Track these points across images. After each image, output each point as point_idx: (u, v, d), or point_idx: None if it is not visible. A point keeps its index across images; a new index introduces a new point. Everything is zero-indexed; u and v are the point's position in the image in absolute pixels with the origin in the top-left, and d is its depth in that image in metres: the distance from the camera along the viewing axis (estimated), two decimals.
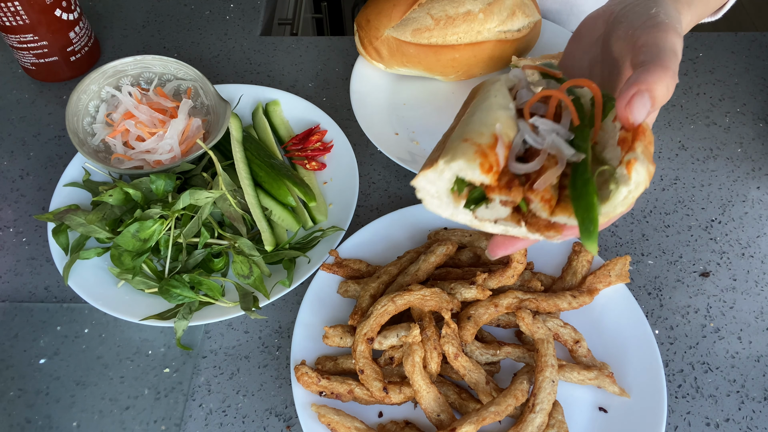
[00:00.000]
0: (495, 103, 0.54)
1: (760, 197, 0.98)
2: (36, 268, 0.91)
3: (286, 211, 0.92)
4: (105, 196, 0.85)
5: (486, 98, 0.55)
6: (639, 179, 0.47)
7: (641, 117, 0.48)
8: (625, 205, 0.49)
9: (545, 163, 0.50)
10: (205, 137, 0.96)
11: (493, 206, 0.53)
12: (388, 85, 1.12)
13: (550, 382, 0.70)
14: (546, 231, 0.52)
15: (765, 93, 1.13)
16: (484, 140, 0.50)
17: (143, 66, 1.00)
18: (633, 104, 0.47)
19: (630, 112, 0.48)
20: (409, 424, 0.74)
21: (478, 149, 0.49)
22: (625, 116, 0.48)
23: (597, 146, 0.52)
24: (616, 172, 0.48)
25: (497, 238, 0.63)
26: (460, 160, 0.49)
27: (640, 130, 0.49)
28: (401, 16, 1.04)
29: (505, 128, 0.51)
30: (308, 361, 0.78)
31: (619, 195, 0.48)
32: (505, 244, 0.62)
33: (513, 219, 0.54)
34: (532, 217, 0.53)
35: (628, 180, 0.47)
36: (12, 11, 1.00)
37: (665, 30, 0.52)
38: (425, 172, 0.52)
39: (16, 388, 0.80)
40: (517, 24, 1.06)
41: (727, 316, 0.86)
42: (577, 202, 0.48)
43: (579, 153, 0.49)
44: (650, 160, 0.48)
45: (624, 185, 0.47)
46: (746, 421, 0.77)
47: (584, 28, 0.64)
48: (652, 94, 0.48)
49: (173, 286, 0.80)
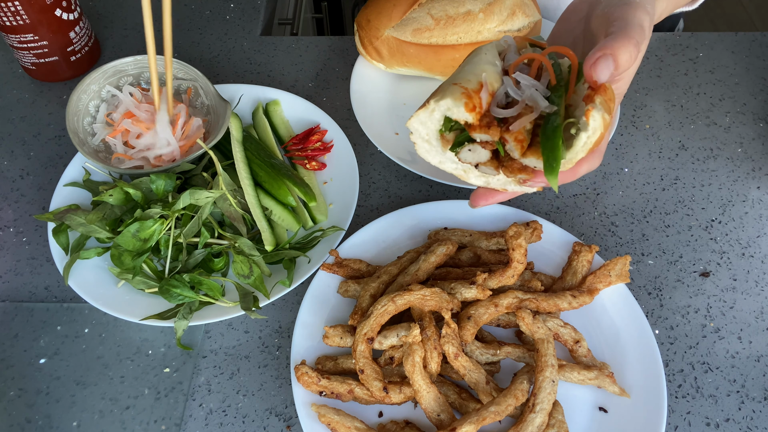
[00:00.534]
0: (484, 59, 0.62)
1: (760, 197, 0.98)
2: (36, 268, 0.91)
3: (286, 211, 0.92)
4: (105, 196, 0.85)
5: (477, 55, 0.63)
6: (595, 125, 0.55)
7: (605, 77, 0.56)
8: (585, 150, 0.57)
9: (522, 111, 0.58)
10: (205, 137, 0.96)
11: (474, 149, 0.61)
12: (388, 85, 1.12)
13: (550, 382, 0.70)
14: (519, 173, 0.60)
15: (765, 93, 1.13)
16: (471, 85, 0.58)
17: (143, 66, 1.00)
18: (597, 65, 0.55)
19: (594, 71, 0.56)
20: (409, 424, 0.74)
21: (465, 92, 0.57)
22: (590, 74, 0.56)
23: (570, 108, 0.59)
24: (579, 121, 0.56)
25: (479, 190, 0.72)
26: (448, 99, 0.57)
27: (602, 88, 0.57)
28: (401, 16, 1.04)
29: (490, 79, 0.59)
30: (308, 361, 0.78)
31: (579, 141, 0.57)
32: (486, 196, 0.72)
33: (491, 164, 0.62)
34: (508, 159, 0.61)
35: (587, 125, 0.55)
36: (12, 11, 1.00)
37: (635, 8, 0.60)
38: (418, 112, 0.61)
39: (16, 388, 0.80)
40: (517, 24, 1.06)
41: (727, 316, 0.86)
42: (545, 142, 0.56)
43: (552, 106, 0.58)
44: (607, 110, 0.56)
45: (584, 131, 0.56)
46: (746, 421, 0.77)
47: (570, 10, 0.73)
48: (615, 58, 0.56)
49: (173, 286, 0.80)
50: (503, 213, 0.91)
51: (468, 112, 0.57)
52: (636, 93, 1.13)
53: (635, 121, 1.09)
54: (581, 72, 0.60)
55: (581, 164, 0.62)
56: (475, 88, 0.57)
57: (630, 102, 1.11)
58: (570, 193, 0.99)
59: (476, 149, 0.61)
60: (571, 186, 1.00)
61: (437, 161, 0.67)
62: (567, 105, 0.59)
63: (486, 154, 0.62)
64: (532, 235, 0.87)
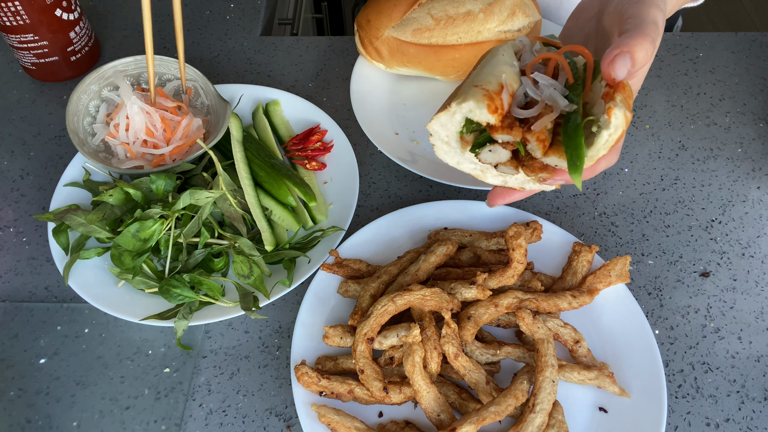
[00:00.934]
0: (502, 60, 0.62)
1: (760, 197, 0.98)
2: (36, 268, 0.91)
3: (286, 211, 0.92)
4: (105, 196, 0.85)
5: (494, 56, 0.64)
6: (617, 123, 0.56)
7: (622, 74, 0.56)
8: (607, 148, 0.58)
9: (542, 111, 0.59)
10: (205, 137, 0.96)
11: (495, 149, 0.62)
12: (388, 85, 1.12)
13: (550, 382, 0.70)
14: (540, 172, 0.61)
15: (765, 93, 1.13)
16: (491, 87, 0.58)
17: (143, 66, 1.00)
18: (615, 63, 0.56)
19: (612, 69, 0.56)
20: (409, 424, 0.74)
21: (486, 93, 0.58)
22: (608, 72, 0.56)
23: (587, 105, 0.60)
24: (600, 119, 0.57)
25: (496, 189, 0.73)
26: (470, 101, 0.58)
27: (621, 85, 0.57)
28: (401, 16, 1.04)
29: (509, 79, 0.60)
30: (308, 361, 0.78)
31: (601, 138, 0.57)
32: (503, 195, 0.73)
33: (511, 164, 0.63)
34: (529, 159, 0.62)
35: (609, 123, 0.56)
36: (12, 11, 1.00)
37: (648, 5, 0.61)
38: (439, 115, 0.62)
39: (16, 388, 0.80)
40: (517, 24, 1.06)
41: (727, 316, 0.86)
42: (567, 141, 0.57)
43: (572, 104, 0.58)
44: (628, 107, 0.56)
45: (605, 129, 0.56)
46: (746, 421, 0.77)
47: (581, 8, 0.73)
48: (632, 55, 0.56)
49: (173, 286, 0.80)
50: (503, 213, 0.91)
51: (490, 113, 0.57)
52: (636, 93, 1.13)
53: (635, 121, 1.09)
54: (597, 70, 0.60)
55: (600, 161, 0.63)
56: (496, 90, 0.58)
57: None
58: (570, 193, 0.99)
59: (497, 150, 0.62)
60: (571, 186, 1.00)
61: (455, 162, 0.67)
62: (584, 103, 0.60)
63: (506, 155, 0.62)
64: (532, 235, 0.87)
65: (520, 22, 1.06)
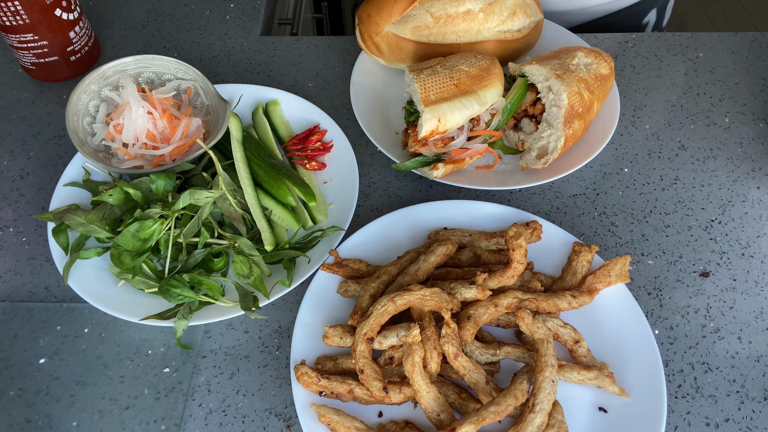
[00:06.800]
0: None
1: (760, 197, 0.98)
2: (36, 267, 0.91)
3: (286, 210, 0.92)
4: (105, 196, 0.85)
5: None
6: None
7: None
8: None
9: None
10: (205, 137, 0.96)
11: None
12: (388, 82, 1.12)
13: (550, 382, 0.70)
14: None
15: (765, 93, 1.13)
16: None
17: (143, 66, 1.00)
18: None
19: None
20: (409, 424, 0.74)
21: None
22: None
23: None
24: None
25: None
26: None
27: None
28: (401, 13, 1.04)
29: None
30: (308, 361, 0.78)
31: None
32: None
33: None
34: None
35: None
36: (12, 11, 1.00)
37: None
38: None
39: (16, 387, 0.80)
40: (517, 24, 1.06)
41: (727, 316, 0.86)
42: None
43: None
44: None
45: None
46: (746, 421, 0.77)
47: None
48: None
49: (173, 286, 0.80)
50: (503, 213, 0.91)
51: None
52: (636, 93, 1.13)
53: (635, 121, 1.09)
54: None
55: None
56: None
57: (630, 102, 1.11)
58: (570, 193, 0.99)
59: None
60: (571, 186, 1.00)
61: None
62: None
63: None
64: (532, 235, 0.87)
65: (520, 22, 1.06)
